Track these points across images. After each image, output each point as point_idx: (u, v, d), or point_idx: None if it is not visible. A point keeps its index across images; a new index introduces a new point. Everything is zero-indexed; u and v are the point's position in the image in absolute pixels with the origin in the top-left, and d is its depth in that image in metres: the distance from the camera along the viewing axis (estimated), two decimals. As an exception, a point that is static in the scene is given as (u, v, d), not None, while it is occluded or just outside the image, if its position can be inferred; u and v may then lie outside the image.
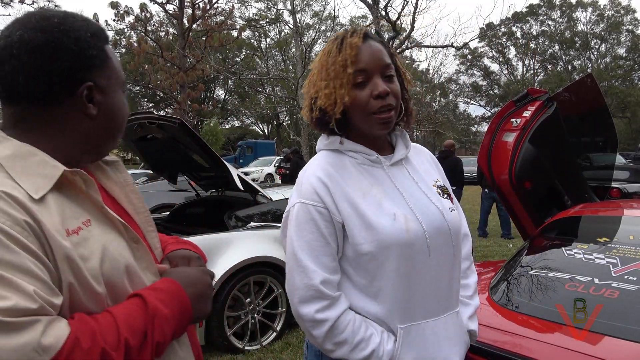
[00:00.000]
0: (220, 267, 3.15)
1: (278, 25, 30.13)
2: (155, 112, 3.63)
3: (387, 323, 1.02)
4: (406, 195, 1.06)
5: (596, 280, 1.78)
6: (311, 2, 21.57)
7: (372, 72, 1.02)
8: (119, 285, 0.76)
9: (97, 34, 0.81)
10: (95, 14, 18.73)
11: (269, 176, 18.79)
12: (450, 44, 12.35)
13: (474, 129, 39.87)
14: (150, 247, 0.89)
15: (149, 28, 18.22)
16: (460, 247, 1.14)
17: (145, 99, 35.08)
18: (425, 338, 1.03)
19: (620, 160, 14.29)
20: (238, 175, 3.73)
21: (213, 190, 4.75)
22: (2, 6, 18.18)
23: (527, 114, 3.15)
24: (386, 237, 0.99)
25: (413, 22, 10.35)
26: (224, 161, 3.72)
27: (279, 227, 3.99)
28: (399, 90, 1.06)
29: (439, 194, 1.12)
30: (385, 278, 1.01)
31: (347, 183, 1.05)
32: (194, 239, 3.23)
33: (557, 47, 41.89)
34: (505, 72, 43.74)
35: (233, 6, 19.72)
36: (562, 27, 41.48)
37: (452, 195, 1.19)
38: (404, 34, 11.11)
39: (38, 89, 0.75)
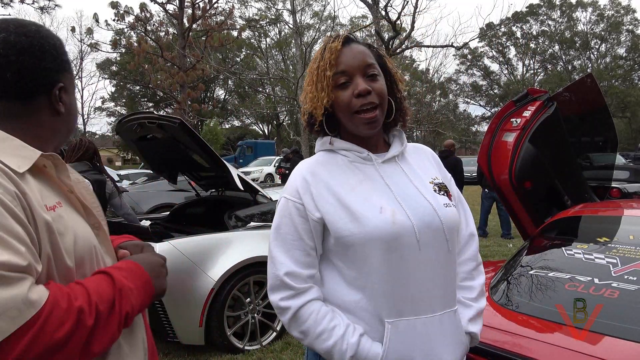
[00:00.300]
0: (220, 267, 3.15)
1: (278, 25, 30.14)
2: (155, 112, 3.63)
3: (377, 316, 1.03)
4: (396, 190, 1.07)
5: (596, 280, 1.78)
6: (311, 2, 21.57)
7: (353, 72, 1.06)
8: (86, 263, 0.84)
9: (63, 43, 0.93)
10: (95, 14, 18.76)
11: (269, 176, 18.80)
12: (450, 44, 12.33)
13: (474, 129, 39.90)
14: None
15: (149, 28, 18.23)
16: (456, 243, 1.11)
17: (145, 99, 35.11)
18: (417, 335, 1.01)
19: (620, 160, 14.29)
20: (238, 175, 3.73)
21: (213, 190, 4.75)
22: (2, 6, 18.18)
23: (527, 114, 3.15)
24: (372, 228, 1.00)
25: (413, 22, 10.34)
26: (224, 161, 3.72)
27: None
28: (384, 89, 1.08)
29: (435, 191, 1.12)
30: (372, 271, 1.02)
31: (336, 179, 1.08)
32: (194, 239, 3.23)
33: (557, 47, 41.89)
34: (505, 72, 43.77)
35: (233, 6, 19.76)
36: (562, 27, 41.50)
37: (452, 193, 1.17)
38: (404, 34, 11.09)
39: (22, 86, 0.83)
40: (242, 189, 3.77)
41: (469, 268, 1.19)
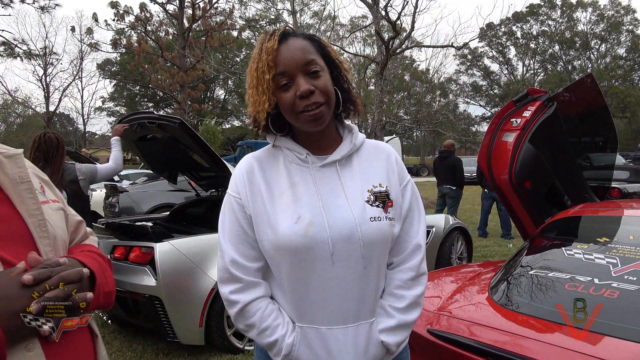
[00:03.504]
0: (220, 267, 3.14)
1: (278, 26, 30.11)
2: (155, 112, 3.63)
3: (292, 318, 1.06)
4: (324, 199, 1.04)
5: (596, 280, 1.78)
6: (310, 2, 21.55)
7: (293, 72, 1.01)
8: None
9: None
10: (94, 14, 18.78)
11: (269, 176, 18.74)
12: (450, 44, 12.31)
13: (474, 129, 39.82)
14: (40, 254, 0.83)
15: (149, 28, 18.25)
16: (376, 259, 1.06)
17: (145, 99, 35.11)
18: (328, 344, 1.03)
19: (620, 160, 14.28)
20: (238, 175, 3.72)
21: (213, 190, 4.75)
22: (2, 7, 18.18)
23: (527, 114, 3.15)
24: (282, 238, 1.01)
25: (413, 22, 10.32)
26: (224, 161, 3.72)
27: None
28: (328, 85, 1.03)
29: (368, 201, 1.06)
30: (284, 277, 1.05)
31: (270, 180, 1.08)
32: (194, 239, 3.23)
33: (557, 47, 41.90)
34: (505, 72, 43.78)
35: (233, 6, 19.76)
36: (562, 27, 41.51)
37: (395, 202, 1.09)
38: (404, 34, 11.09)
39: None
40: (242, 189, 3.76)
41: (407, 277, 1.12)
